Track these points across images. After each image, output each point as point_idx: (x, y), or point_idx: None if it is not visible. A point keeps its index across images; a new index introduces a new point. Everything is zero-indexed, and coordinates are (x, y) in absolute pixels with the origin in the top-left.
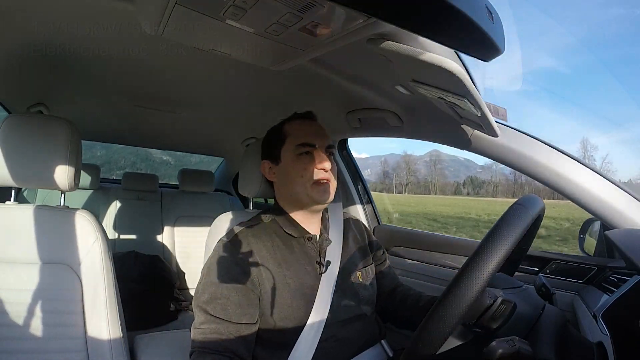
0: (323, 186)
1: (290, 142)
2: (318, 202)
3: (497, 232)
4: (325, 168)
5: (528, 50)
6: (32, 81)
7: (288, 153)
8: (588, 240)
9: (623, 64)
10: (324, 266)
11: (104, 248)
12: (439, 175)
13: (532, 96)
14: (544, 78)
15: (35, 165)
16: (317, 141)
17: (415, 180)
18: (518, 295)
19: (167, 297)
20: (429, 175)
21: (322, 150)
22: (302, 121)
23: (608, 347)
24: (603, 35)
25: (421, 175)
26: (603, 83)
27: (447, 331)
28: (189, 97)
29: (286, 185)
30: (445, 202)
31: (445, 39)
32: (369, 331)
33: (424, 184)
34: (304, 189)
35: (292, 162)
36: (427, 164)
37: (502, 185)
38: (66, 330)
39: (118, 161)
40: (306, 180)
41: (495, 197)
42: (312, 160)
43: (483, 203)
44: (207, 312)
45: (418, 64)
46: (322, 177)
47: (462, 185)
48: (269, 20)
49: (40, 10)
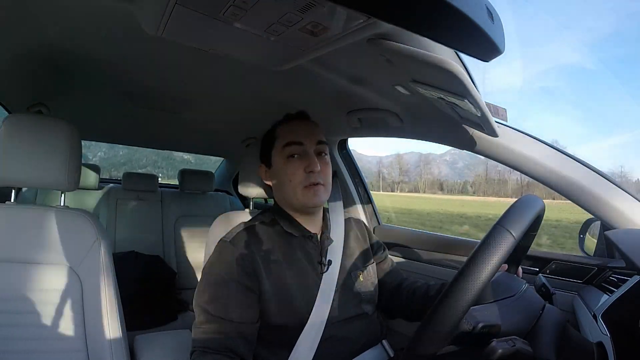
0: (313, 190)
1: (279, 143)
2: (309, 206)
3: (474, 261)
4: (314, 170)
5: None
6: (32, 81)
7: (277, 156)
8: (588, 240)
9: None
10: (325, 265)
11: (104, 248)
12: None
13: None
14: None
15: (35, 165)
16: (304, 139)
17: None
18: (513, 303)
19: (167, 297)
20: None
21: (312, 149)
22: (292, 121)
23: (608, 347)
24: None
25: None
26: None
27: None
28: (189, 97)
29: (279, 189)
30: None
31: (445, 39)
32: (370, 331)
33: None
34: (294, 194)
35: (282, 166)
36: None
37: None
38: (66, 330)
39: (140, 159)
40: (295, 184)
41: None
42: (300, 163)
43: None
44: (208, 311)
45: (418, 64)
46: (311, 182)
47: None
48: (269, 20)
49: (41, 11)
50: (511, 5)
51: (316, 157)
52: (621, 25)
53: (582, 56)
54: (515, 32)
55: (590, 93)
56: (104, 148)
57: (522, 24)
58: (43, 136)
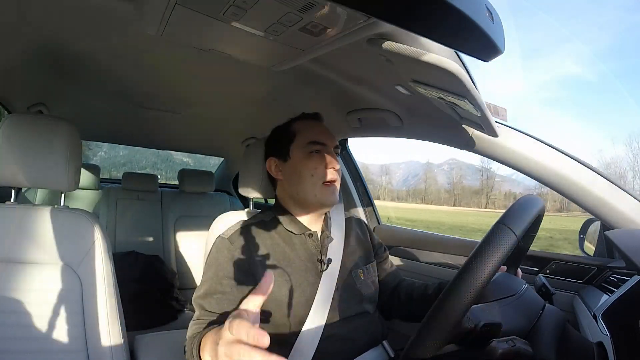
0: (332, 187)
1: (301, 139)
2: (324, 204)
3: (476, 258)
4: (336, 167)
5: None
6: (32, 81)
7: (298, 150)
8: (588, 240)
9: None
10: (324, 264)
11: (104, 248)
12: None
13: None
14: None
15: (35, 165)
16: (327, 140)
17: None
18: (513, 302)
19: (167, 297)
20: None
21: (332, 150)
22: (311, 121)
23: (608, 347)
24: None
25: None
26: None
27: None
28: (189, 97)
29: (294, 183)
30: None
31: (445, 39)
32: (371, 330)
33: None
34: (312, 189)
35: (303, 160)
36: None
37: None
38: (66, 330)
39: (140, 161)
40: (317, 179)
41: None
42: (322, 159)
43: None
44: (203, 307)
45: (418, 64)
46: (332, 178)
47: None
48: (269, 20)
49: (41, 11)
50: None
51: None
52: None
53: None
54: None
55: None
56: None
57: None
58: (43, 136)
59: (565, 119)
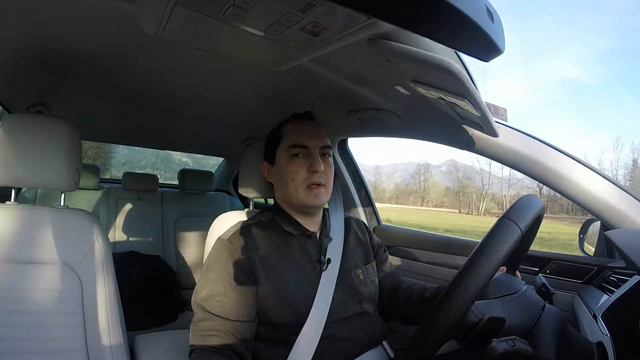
0: (314, 191)
1: (284, 142)
2: (308, 206)
3: (482, 251)
4: (317, 170)
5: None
6: (32, 81)
7: (282, 154)
8: (588, 240)
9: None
10: (324, 264)
11: (104, 248)
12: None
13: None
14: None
15: (35, 165)
16: (311, 142)
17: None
18: (515, 300)
19: (167, 297)
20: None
21: (316, 152)
22: (299, 122)
23: (608, 347)
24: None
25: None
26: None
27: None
28: (189, 97)
29: (280, 187)
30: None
31: (445, 39)
32: (371, 330)
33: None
34: (295, 193)
35: (285, 164)
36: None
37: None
38: (66, 330)
39: (139, 161)
40: (298, 183)
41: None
42: (304, 163)
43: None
44: (205, 309)
45: (418, 64)
46: (313, 182)
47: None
48: (269, 20)
49: (41, 11)
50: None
51: (320, 158)
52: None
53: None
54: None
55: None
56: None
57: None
58: (43, 136)
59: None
